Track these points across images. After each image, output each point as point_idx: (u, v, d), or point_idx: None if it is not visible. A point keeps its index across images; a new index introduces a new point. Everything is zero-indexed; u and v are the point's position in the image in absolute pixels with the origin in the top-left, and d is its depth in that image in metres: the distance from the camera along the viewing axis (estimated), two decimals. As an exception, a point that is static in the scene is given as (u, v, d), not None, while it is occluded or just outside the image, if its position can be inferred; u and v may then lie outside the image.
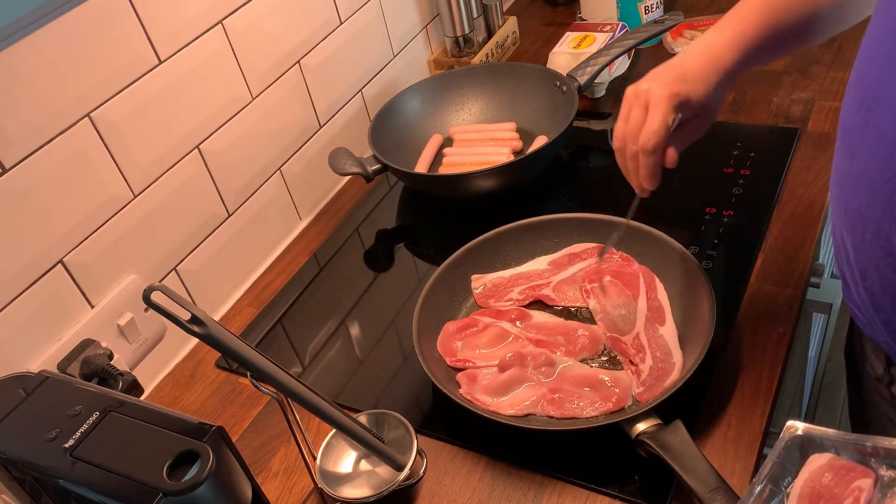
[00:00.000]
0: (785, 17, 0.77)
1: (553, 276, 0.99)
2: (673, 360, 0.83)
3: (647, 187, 0.79)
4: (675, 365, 0.83)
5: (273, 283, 1.14)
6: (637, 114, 0.76)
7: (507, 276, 1.00)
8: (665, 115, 0.74)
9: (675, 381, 0.80)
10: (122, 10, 0.89)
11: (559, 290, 0.97)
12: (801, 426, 0.64)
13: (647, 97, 0.75)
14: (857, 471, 0.61)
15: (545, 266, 1.00)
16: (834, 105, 1.17)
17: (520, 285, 0.98)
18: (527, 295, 0.97)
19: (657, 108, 0.74)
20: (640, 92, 0.77)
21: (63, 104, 0.85)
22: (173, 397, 0.99)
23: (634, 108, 0.77)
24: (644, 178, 0.78)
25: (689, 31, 1.40)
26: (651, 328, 0.88)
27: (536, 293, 0.97)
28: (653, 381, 0.82)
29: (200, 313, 0.61)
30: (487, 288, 0.99)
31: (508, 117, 1.30)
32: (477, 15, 1.43)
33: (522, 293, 0.97)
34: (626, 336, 0.88)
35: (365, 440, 0.77)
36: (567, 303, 0.96)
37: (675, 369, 0.82)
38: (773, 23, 0.77)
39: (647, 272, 0.95)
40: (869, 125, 0.62)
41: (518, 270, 1.01)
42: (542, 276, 0.99)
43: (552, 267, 1.00)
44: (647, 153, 0.75)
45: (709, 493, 0.68)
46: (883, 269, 0.65)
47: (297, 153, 1.20)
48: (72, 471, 0.63)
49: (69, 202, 0.87)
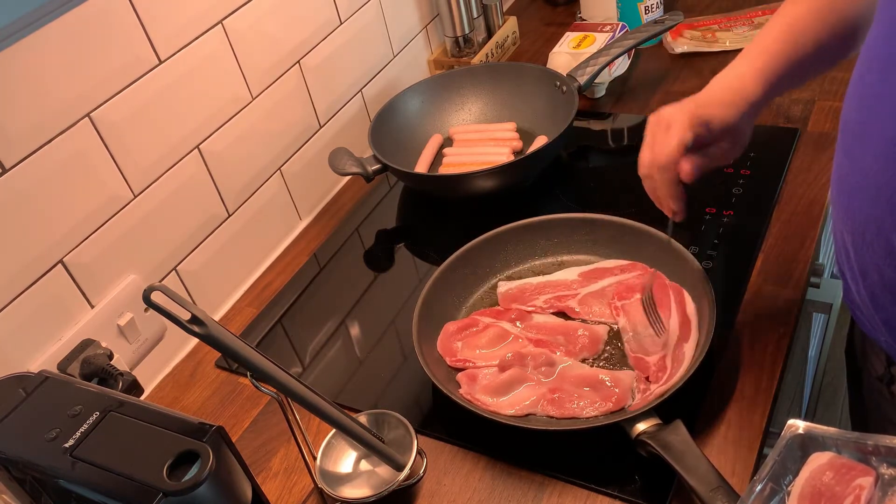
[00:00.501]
0: (805, 43, 0.77)
1: (581, 287, 0.96)
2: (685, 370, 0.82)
3: (672, 207, 0.78)
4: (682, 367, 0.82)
5: (273, 283, 1.14)
6: (660, 137, 0.76)
7: (535, 284, 0.98)
8: (681, 133, 0.74)
9: (675, 381, 0.80)
10: (122, 10, 0.89)
11: (585, 303, 0.94)
12: (802, 424, 0.64)
13: (669, 120, 0.76)
14: (857, 469, 0.61)
15: (575, 277, 0.97)
16: (834, 105, 1.17)
17: (546, 294, 0.96)
18: (551, 304, 0.95)
19: (674, 126, 0.74)
20: (662, 117, 0.77)
21: (63, 104, 0.85)
22: (173, 397, 0.99)
23: (657, 133, 0.76)
24: (664, 196, 0.77)
25: (689, 31, 1.40)
26: (678, 349, 0.84)
27: (562, 304, 0.94)
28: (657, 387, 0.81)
29: (200, 313, 0.61)
30: (512, 293, 0.97)
31: (508, 117, 1.30)
32: (477, 15, 1.43)
33: (547, 302, 0.95)
34: (652, 357, 0.85)
35: (365, 440, 0.77)
36: (592, 317, 0.93)
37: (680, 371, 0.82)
38: (796, 50, 0.77)
39: (677, 288, 0.91)
40: (870, 124, 0.63)
41: (547, 279, 0.98)
42: (570, 287, 0.96)
43: (582, 279, 0.97)
44: (661, 168, 0.75)
45: (710, 492, 0.68)
46: (883, 269, 0.65)
47: (297, 153, 1.20)
48: (72, 471, 0.63)
49: (69, 202, 0.87)
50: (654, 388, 0.81)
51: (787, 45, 0.77)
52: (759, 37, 0.79)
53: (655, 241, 0.94)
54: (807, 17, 0.77)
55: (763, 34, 0.79)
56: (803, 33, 0.77)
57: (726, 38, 1.36)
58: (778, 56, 0.77)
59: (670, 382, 0.80)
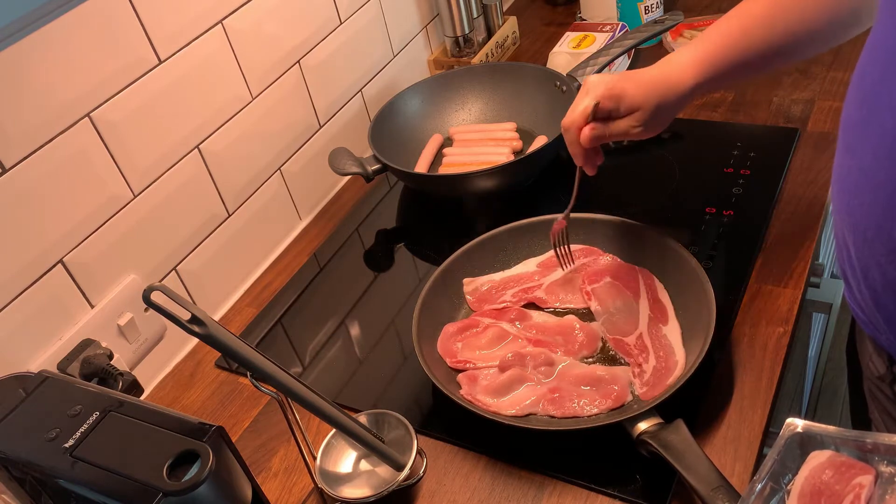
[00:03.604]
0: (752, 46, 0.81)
1: (543, 277, 0.98)
2: (675, 359, 0.83)
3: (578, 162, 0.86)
4: (678, 363, 0.83)
5: (273, 283, 1.14)
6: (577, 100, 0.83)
7: (498, 280, 1.00)
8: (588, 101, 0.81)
9: (676, 379, 0.80)
10: (122, 10, 0.89)
11: (551, 291, 0.97)
12: (800, 423, 0.64)
13: (588, 86, 0.82)
14: (857, 467, 0.61)
15: (534, 268, 1.00)
16: (834, 105, 1.18)
17: (511, 288, 0.98)
18: (520, 297, 0.97)
19: (588, 94, 0.81)
20: (587, 81, 0.83)
21: (63, 104, 0.85)
22: (173, 397, 0.99)
23: (578, 95, 0.84)
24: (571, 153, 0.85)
25: (688, 31, 1.40)
26: (654, 328, 0.88)
27: (529, 296, 0.97)
28: (655, 380, 0.82)
29: (200, 313, 0.61)
30: (480, 292, 0.98)
31: (508, 117, 1.30)
32: (477, 15, 1.43)
33: (515, 296, 0.97)
34: (629, 337, 0.88)
35: (365, 440, 0.77)
36: (561, 304, 0.96)
37: (678, 367, 0.82)
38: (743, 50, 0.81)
39: (646, 273, 0.94)
40: (871, 123, 0.63)
41: (508, 273, 1.00)
42: (532, 279, 0.99)
43: (541, 269, 1.00)
44: (565, 128, 0.83)
45: (711, 491, 0.68)
46: (885, 267, 0.65)
47: (297, 153, 1.20)
48: (72, 471, 0.63)
49: (69, 202, 0.87)
50: (646, 367, 0.83)
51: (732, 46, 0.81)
52: (712, 28, 0.83)
53: (656, 241, 0.94)
54: (760, 19, 0.80)
55: (715, 27, 0.83)
56: (752, 35, 0.80)
57: (726, 38, 1.36)
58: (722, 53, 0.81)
59: (671, 377, 0.80)
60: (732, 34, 0.81)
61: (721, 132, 1.18)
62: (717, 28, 0.82)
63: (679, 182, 1.08)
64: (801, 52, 0.82)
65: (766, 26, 0.80)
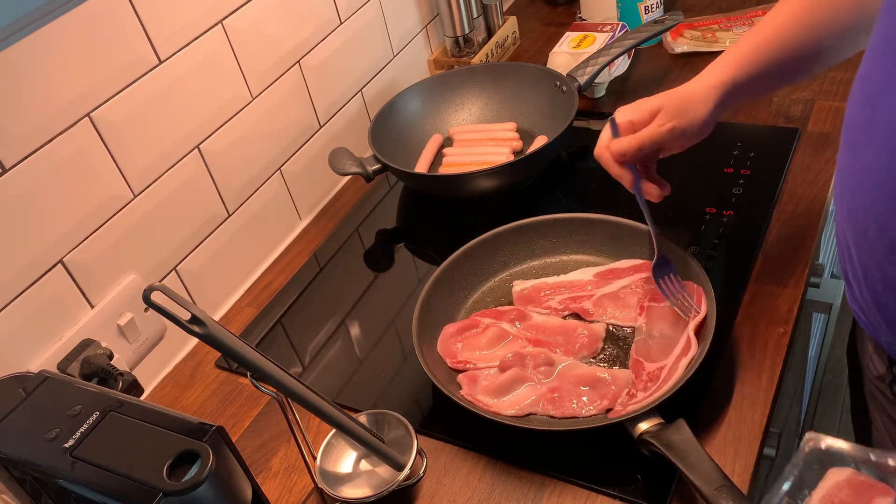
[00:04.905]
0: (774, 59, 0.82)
1: (597, 289, 0.95)
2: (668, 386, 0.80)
3: (625, 186, 0.86)
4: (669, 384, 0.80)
5: (273, 283, 1.14)
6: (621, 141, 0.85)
7: (551, 284, 0.97)
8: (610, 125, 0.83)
9: (676, 380, 0.80)
10: (122, 10, 0.89)
11: (599, 304, 0.93)
12: (822, 439, 0.62)
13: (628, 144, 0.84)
14: (877, 488, 0.60)
15: (590, 277, 0.97)
16: (834, 105, 1.17)
17: (562, 294, 0.95)
18: (566, 306, 0.94)
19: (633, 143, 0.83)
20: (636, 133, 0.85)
21: (63, 104, 0.85)
22: (173, 397, 0.99)
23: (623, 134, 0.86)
24: (616, 178, 0.87)
25: (688, 30, 1.40)
26: (676, 363, 0.83)
27: (576, 305, 0.94)
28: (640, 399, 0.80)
29: (200, 313, 0.61)
30: (527, 292, 0.97)
31: (508, 117, 1.30)
32: (477, 15, 1.43)
33: (562, 303, 0.94)
34: (651, 365, 0.84)
35: (365, 440, 0.77)
36: (606, 319, 0.92)
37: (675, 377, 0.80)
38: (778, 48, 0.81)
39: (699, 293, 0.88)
40: (874, 122, 0.63)
41: (562, 279, 0.98)
42: (585, 288, 0.95)
43: (597, 279, 0.96)
44: (595, 157, 0.86)
45: (714, 490, 0.68)
46: (886, 267, 0.65)
47: (297, 153, 1.20)
48: (72, 471, 0.63)
49: (69, 202, 0.87)
50: (639, 395, 0.80)
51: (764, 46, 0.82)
52: (745, 33, 0.84)
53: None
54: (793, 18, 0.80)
55: (747, 32, 0.84)
56: (786, 34, 0.81)
57: (726, 37, 1.36)
58: (754, 53, 0.82)
59: (657, 394, 0.79)
60: (765, 34, 0.81)
61: (721, 132, 1.17)
62: (749, 32, 0.83)
63: (679, 182, 1.07)
64: (835, 53, 0.82)
65: (799, 25, 0.80)
